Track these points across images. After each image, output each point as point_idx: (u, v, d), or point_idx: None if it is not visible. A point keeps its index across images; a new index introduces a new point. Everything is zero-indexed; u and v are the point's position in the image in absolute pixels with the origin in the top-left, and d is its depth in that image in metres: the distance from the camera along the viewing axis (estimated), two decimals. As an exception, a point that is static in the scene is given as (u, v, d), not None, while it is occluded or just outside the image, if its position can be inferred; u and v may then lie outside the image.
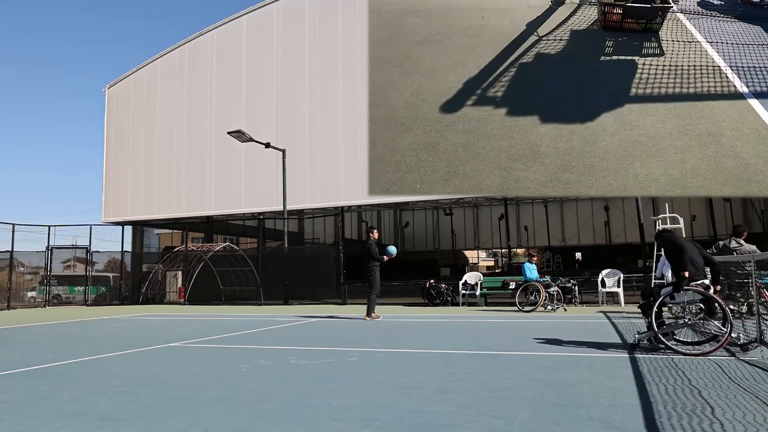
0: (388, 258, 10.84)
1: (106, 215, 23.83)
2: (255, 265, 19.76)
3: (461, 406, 3.59)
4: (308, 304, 17.93)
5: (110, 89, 24.57)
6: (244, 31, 21.79)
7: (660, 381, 4.22)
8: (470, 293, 15.57)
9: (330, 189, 19.55)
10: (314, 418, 3.36)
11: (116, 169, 23.85)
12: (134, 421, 3.37)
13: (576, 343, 6.51)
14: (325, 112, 19.90)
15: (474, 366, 5.13)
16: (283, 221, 19.28)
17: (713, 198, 24.40)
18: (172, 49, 23.22)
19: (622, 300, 13.87)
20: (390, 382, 4.47)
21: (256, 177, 20.63)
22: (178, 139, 22.46)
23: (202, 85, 22.24)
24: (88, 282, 21.91)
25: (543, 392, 3.93)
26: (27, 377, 5.04)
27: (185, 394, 4.14)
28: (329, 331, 9.00)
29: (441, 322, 10.49)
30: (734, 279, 7.18)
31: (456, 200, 23.13)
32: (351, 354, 6.17)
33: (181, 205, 22.25)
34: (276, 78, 20.87)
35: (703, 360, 5.14)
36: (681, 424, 3.04)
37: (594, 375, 4.55)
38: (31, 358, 6.38)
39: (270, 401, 3.86)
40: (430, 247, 38.81)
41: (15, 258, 19.41)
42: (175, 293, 21.47)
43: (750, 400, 3.55)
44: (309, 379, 4.69)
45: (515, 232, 35.17)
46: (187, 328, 10.31)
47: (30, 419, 3.48)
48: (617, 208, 31.44)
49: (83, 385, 4.61)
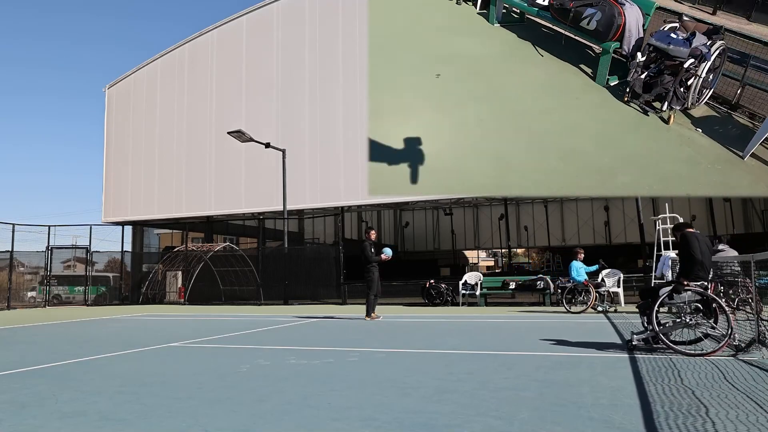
0: (385, 258, 10.81)
1: (106, 215, 23.83)
2: (255, 265, 19.76)
3: (461, 406, 3.59)
4: (308, 304, 17.93)
5: (110, 89, 24.57)
6: (244, 31, 21.79)
7: (660, 381, 4.22)
8: (470, 293, 15.57)
9: (330, 189, 19.55)
10: (314, 418, 3.36)
11: (116, 169, 23.85)
12: (134, 421, 3.37)
13: (576, 343, 6.51)
14: (325, 112, 19.90)
15: (474, 366, 5.13)
16: (283, 221, 19.29)
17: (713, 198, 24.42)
18: (172, 49, 23.22)
19: (622, 300, 13.87)
20: (390, 382, 4.47)
21: (256, 177, 20.63)
22: (178, 139, 22.46)
23: (202, 85, 22.24)
24: (88, 282, 21.91)
25: (543, 392, 3.93)
26: (27, 377, 5.04)
27: (185, 394, 4.14)
28: (329, 331, 9.00)
29: (441, 322, 10.48)
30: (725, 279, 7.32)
31: (456, 200, 23.13)
32: (351, 354, 6.17)
33: (181, 205, 22.26)
34: (276, 78, 20.87)
35: (702, 360, 5.14)
36: (680, 424, 3.04)
37: (594, 375, 4.55)
38: (31, 358, 6.38)
39: (270, 401, 3.86)
40: (430, 247, 38.78)
41: (15, 258, 19.41)
42: (175, 293, 21.48)
43: (748, 401, 3.56)
44: (309, 379, 4.69)
45: (515, 232, 35.15)
46: (187, 328, 10.32)
47: (30, 419, 3.48)
48: (617, 208, 31.43)
49: (83, 385, 4.61)
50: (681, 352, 5.46)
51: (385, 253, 10.84)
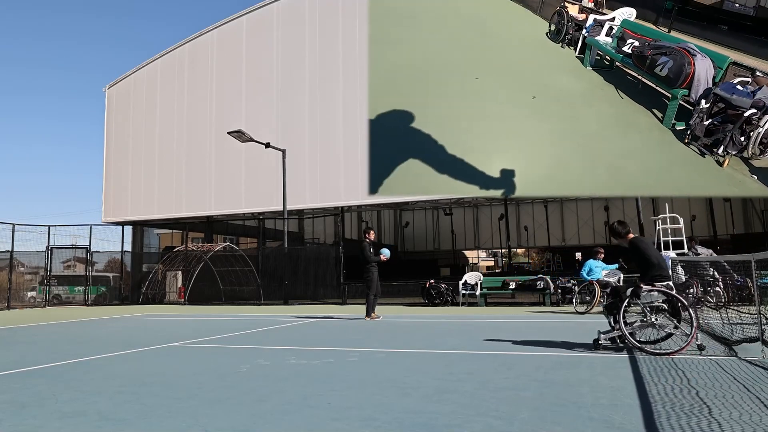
0: (384, 258, 10.89)
1: (106, 215, 23.82)
2: (255, 265, 19.75)
3: (461, 406, 3.59)
4: (308, 304, 17.93)
5: (110, 89, 24.56)
6: (244, 31, 21.79)
7: (660, 381, 4.22)
8: (470, 293, 15.56)
9: (330, 189, 19.55)
10: (314, 418, 3.36)
11: (116, 169, 23.84)
12: (134, 421, 3.37)
13: (576, 344, 6.51)
14: (325, 112, 19.89)
15: (474, 366, 5.13)
16: (283, 221, 19.28)
17: (713, 198, 24.43)
18: (172, 49, 23.21)
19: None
20: (390, 382, 4.47)
21: (256, 177, 20.62)
22: (178, 139, 22.45)
23: (202, 85, 22.23)
24: (88, 282, 21.90)
25: (543, 392, 3.93)
26: (27, 377, 5.03)
27: (185, 394, 4.14)
28: (329, 331, 9.00)
29: (441, 322, 10.48)
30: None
31: (456, 200, 23.12)
32: (351, 354, 6.17)
33: (181, 205, 22.25)
34: (276, 78, 20.86)
35: (703, 359, 5.14)
36: (681, 424, 3.04)
37: (594, 375, 4.54)
38: (31, 358, 6.38)
39: (270, 401, 3.86)
40: (430, 247, 38.76)
41: (15, 258, 19.41)
42: (175, 293, 21.48)
43: (748, 400, 3.55)
44: (309, 379, 4.69)
45: (515, 232, 35.14)
46: (187, 328, 10.31)
47: (30, 419, 3.48)
48: (617, 208, 31.39)
49: (83, 385, 4.61)
50: (647, 352, 5.52)
51: (384, 254, 10.92)
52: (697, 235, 27.02)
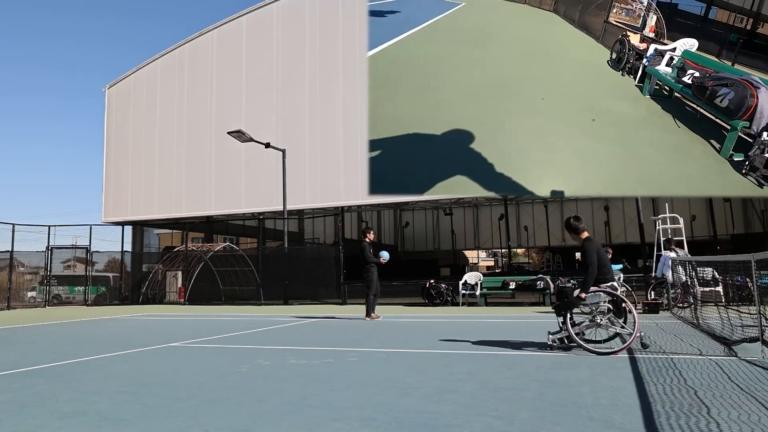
0: (383, 261, 10.92)
1: (106, 215, 23.82)
2: (255, 265, 19.75)
3: (461, 406, 3.59)
4: (308, 304, 17.93)
5: (110, 89, 24.57)
6: (244, 31, 21.79)
7: (659, 381, 4.22)
8: (470, 293, 15.56)
9: (330, 189, 19.55)
10: (314, 418, 3.36)
11: (116, 169, 23.85)
12: (134, 421, 3.37)
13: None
14: (325, 112, 19.89)
15: (474, 366, 5.13)
16: (283, 221, 19.28)
17: (713, 198, 24.42)
18: (172, 49, 23.22)
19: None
20: (390, 382, 4.47)
21: (256, 177, 20.62)
22: (178, 139, 22.46)
23: (202, 85, 22.23)
24: (88, 282, 21.91)
25: (543, 392, 3.93)
26: (27, 377, 5.04)
27: (185, 394, 4.14)
28: (329, 331, 9.00)
29: (441, 322, 10.48)
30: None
31: (456, 200, 23.12)
32: (351, 354, 6.17)
33: (181, 205, 22.25)
34: (276, 78, 20.86)
35: (703, 360, 5.15)
36: (680, 424, 3.05)
37: (594, 375, 4.55)
38: (31, 358, 6.38)
39: (270, 401, 3.86)
40: (430, 247, 38.76)
41: (15, 258, 19.41)
42: (175, 293, 21.48)
43: (747, 400, 3.55)
44: (309, 379, 4.69)
45: (515, 232, 35.15)
46: (187, 328, 10.32)
47: (30, 419, 3.48)
48: (617, 208, 31.43)
49: (83, 385, 4.61)
50: (593, 351, 5.62)
51: (383, 257, 10.94)
52: (697, 235, 27.09)
